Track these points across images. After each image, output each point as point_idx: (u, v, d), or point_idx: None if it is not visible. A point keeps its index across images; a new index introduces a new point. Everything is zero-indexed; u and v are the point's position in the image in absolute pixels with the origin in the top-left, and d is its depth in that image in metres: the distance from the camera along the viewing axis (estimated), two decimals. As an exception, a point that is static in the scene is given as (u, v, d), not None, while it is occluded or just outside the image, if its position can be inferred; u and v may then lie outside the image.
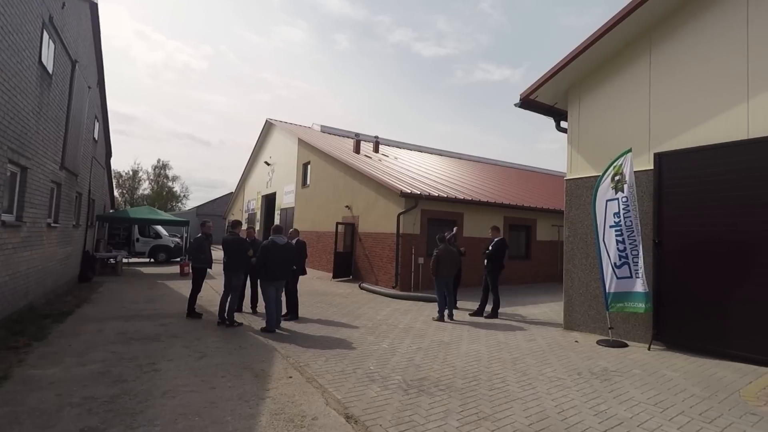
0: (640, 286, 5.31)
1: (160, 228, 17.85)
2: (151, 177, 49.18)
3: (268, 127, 22.74)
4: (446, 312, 7.21)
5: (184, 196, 52.15)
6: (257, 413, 3.30)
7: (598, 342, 5.71)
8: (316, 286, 10.98)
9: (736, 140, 4.90)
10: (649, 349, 5.34)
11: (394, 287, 10.40)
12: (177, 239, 19.80)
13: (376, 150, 17.55)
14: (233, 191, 30.86)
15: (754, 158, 4.71)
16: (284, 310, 6.79)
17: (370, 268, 11.75)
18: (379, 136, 18.80)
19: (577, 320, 6.52)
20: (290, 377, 4.14)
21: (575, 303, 6.56)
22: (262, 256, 6.03)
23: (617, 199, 5.58)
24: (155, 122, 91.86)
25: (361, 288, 10.52)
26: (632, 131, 5.99)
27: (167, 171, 49.50)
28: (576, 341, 5.85)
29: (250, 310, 7.44)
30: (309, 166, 17.09)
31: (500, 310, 7.90)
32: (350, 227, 12.88)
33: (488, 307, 7.66)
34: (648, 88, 5.85)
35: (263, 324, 6.12)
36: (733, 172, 4.86)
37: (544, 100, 7.20)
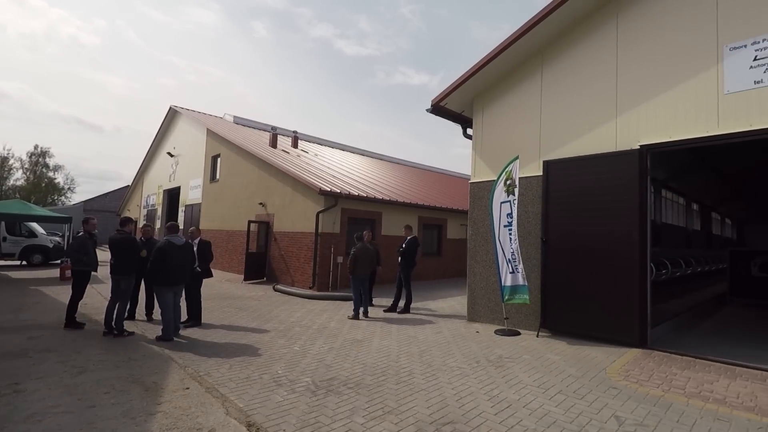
0: (518, 280, 5.94)
1: (35, 225, 15.18)
2: (26, 166, 41.82)
3: (173, 114, 20.73)
4: (361, 310, 7.29)
5: (68, 188, 45.27)
6: (144, 431, 2.98)
7: (496, 331, 6.25)
8: (225, 290, 10.31)
9: (607, 152, 5.71)
10: (537, 336, 5.99)
11: (311, 288, 10.21)
12: (57, 238, 17.05)
13: (295, 145, 17.06)
14: (130, 184, 27.54)
15: (620, 167, 5.54)
16: (185, 317, 6.25)
17: (286, 269, 11.39)
18: (298, 131, 18.31)
19: (478, 312, 7.05)
20: (187, 388, 3.82)
21: (477, 296, 7.09)
22: (156, 258, 5.45)
23: (509, 201, 6.16)
24: (32, 102, 78.19)
25: (276, 290, 10.14)
26: (526, 140, 6.65)
27: (47, 159, 42.52)
28: (477, 332, 6.33)
29: (145, 318, 6.71)
30: (219, 160, 15.96)
31: (412, 305, 8.21)
32: (264, 226, 12.33)
33: (402, 303, 7.92)
34: (539, 103, 6.55)
35: (159, 333, 5.55)
36: (604, 179, 5.66)
37: (453, 108, 7.65)
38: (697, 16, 5.02)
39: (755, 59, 4.57)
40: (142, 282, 6.45)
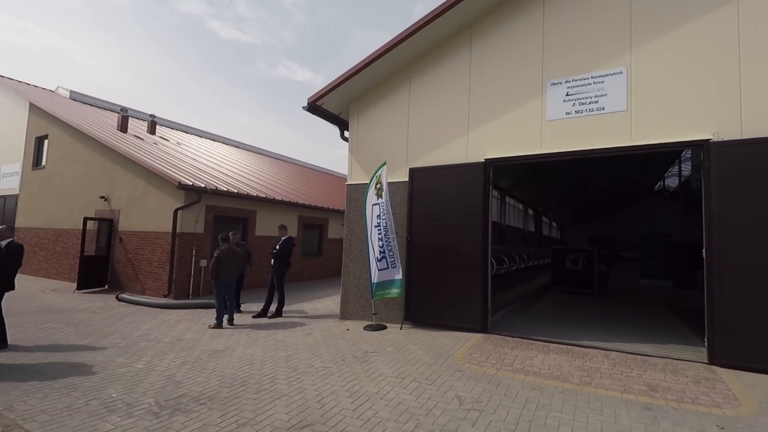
0: (397, 274, 6.32)
1: None
2: None
3: (-23, 80, 16.08)
4: (226, 317, 6.75)
5: None
6: None
7: (365, 327, 6.48)
8: (49, 302, 8.42)
9: (460, 163, 6.43)
10: (401, 328, 6.41)
11: (166, 295, 9.03)
12: None
13: (152, 131, 14.92)
14: None
15: (469, 177, 6.29)
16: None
17: (135, 275, 9.85)
18: (163, 117, 16.10)
19: (351, 310, 7.22)
20: (-30, 433, 2.97)
21: (350, 294, 7.26)
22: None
23: (379, 203, 6.48)
24: None
25: (120, 299, 8.69)
26: (396, 147, 7.08)
27: None
28: (347, 329, 6.47)
29: None
30: (46, 142, 12.98)
31: (286, 308, 7.96)
32: (107, 224, 10.46)
33: (274, 307, 7.60)
34: (407, 114, 7.04)
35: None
36: (457, 187, 6.36)
37: (331, 109, 7.68)
38: (530, 53, 6.02)
39: (567, 94, 5.70)
40: None
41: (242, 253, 7.16)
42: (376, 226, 6.56)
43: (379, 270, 6.47)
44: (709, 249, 4.72)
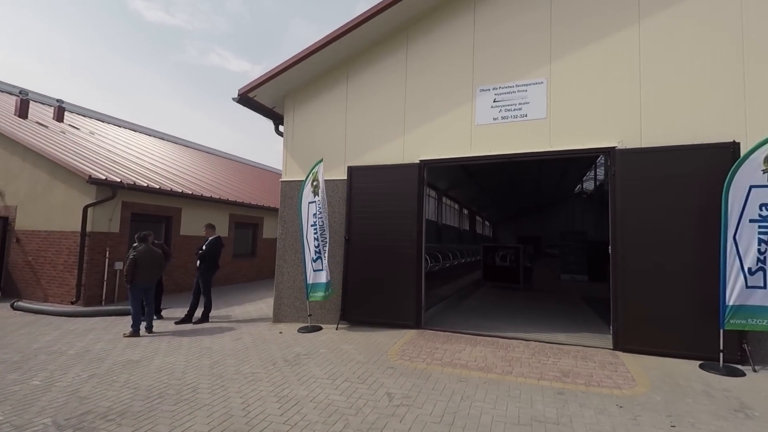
0: (323, 276, 6.23)
1: None
2: None
3: None
4: (143, 325, 6.20)
5: None
6: None
7: (299, 330, 6.32)
8: None
9: (397, 163, 6.51)
10: (337, 329, 6.35)
11: (74, 302, 8.08)
12: None
13: (60, 118, 13.28)
14: None
15: (405, 177, 6.40)
16: None
17: (36, 280, 8.70)
18: (68, 102, 14.37)
19: (285, 313, 7.00)
20: None
21: (284, 296, 7.04)
22: None
23: (315, 201, 6.36)
24: None
25: (15, 308, 7.62)
26: (334, 145, 6.99)
27: None
28: (280, 333, 6.26)
29: None
30: None
31: (214, 313, 7.53)
32: (1, 222, 9.12)
33: (200, 312, 7.13)
34: (345, 112, 6.98)
35: None
36: (394, 187, 6.44)
37: (264, 102, 7.38)
38: (461, 60, 6.27)
39: (495, 101, 6.02)
40: None
41: (161, 255, 6.61)
42: (312, 225, 6.43)
43: (314, 271, 6.34)
44: (613, 246, 5.26)
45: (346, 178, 6.76)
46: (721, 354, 4.44)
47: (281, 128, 7.64)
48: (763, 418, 3.34)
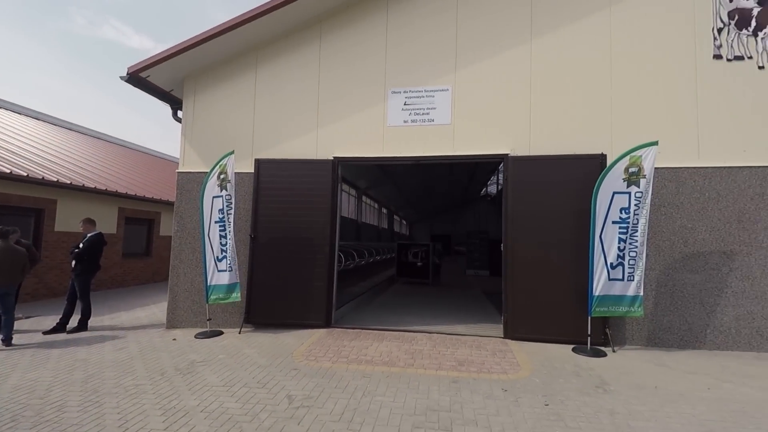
0: (228, 278, 5.86)
1: None
2: None
3: None
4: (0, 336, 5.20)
5: None
6: None
7: (196, 335, 5.84)
8: None
9: (310, 159, 6.36)
10: (240, 333, 5.99)
11: None
12: None
13: None
14: None
15: (319, 173, 6.28)
16: None
17: None
18: None
19: (180, 317, 6.41)
20: None
21: (180, 300, 6.44)
22: None
23: (222, 196, 5.93)
24: None
25: None
26: (241, 135, 6.58)
27: None
28: (174, 339, 5.71)
29: None
30: None
31: (95, 321, 6.61)
32: None
33: (76, 319, 6.18)
34: (254, 101, 6.62)
35: None
36: (306, 182, 6.28)
37: (159, 83, 6.67)
38: (375, 60, 6.34)
39: (405, 104, 6.21)
40: None
41: (23, 254, 5.59)
42: (217, 222, 5.97)
43: (218, 271, 5.91)
44: (505, 243, 5.77)
45: (253, 171, 6.41)
46: (589, 338, 5.14)
47: (180, 114, 6.98)
48: (616, 392, 3.93)
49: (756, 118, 5.36)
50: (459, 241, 28.39)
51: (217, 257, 5.93)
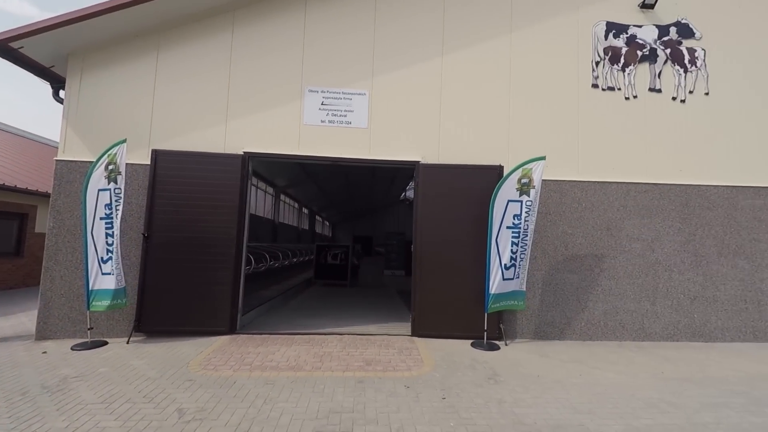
0: (113, 282, 5.22)
1: None
2: None
3: None
4: None
5: None
6: None
7: (73, 347, 5.10)
8: None
9: (217, 152, 5.95)
10: (128, 342, 5.37)
11: None
12: None
13: None
14: None
15: (226, 168, 5.91)
16: None
17: None
18: None
19: (54, 327, 5.55)
20: None
21: (54, 307, 5.57)
22: None
23: (110, 189, 5.28)
24: None
25: None
26: (137, 123, 5.93)
27: None
28: (44, 352, 4.93)
29: None
30: None
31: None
32: None
33: None
34: (154, 87, 6.01)
35: None
36: (212, 178, 5.85)
37: (36, 57, 5.73)
38: (292, 56, 6.17)
39: (323, 104, 6.15)
40: None
41: None
42: (102, 218, 5.27)
43: (102, 274, 5.22)
44: (415, 244, 6.02)
45: (149, 163, 5.81)
46: (485, 333, 5.58)
47: (62, 94, 6.06)
48: (505, 382, 4.31)
49: (623, 141, 6.32)
50: (380, 242, 28.96)
51: (102, 258, 5.25)
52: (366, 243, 25.34)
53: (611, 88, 6.40)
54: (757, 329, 6.19)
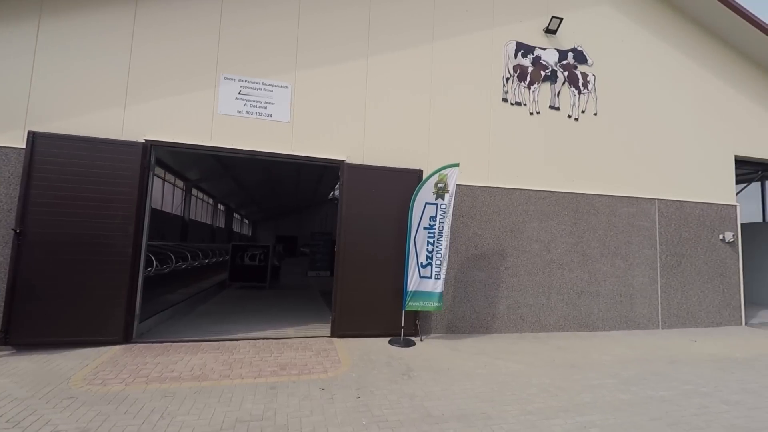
0: None
1: None
2: None
3: None
4: None
5: None
6: None
7: None
8: None
9: (112, 139, 5.27)
10: (-12, 358, 4.51)
11: None
12: None
13: None
14: None
15: (123, 157, 5.25)
16: None
17: None
18: None
19: None
20: None
21: None
22: None
23: (-35, 176, 4.38)
24: None
25: None
26: (8, 99, 5.02)
27: None
28: None
29: None
30: None
31: None
32: None
33: None
34: (33, 57, 5.14)
35: None
36: (105, 167, 5.16)
37: None
38: (206, 39, 5.72)
39: (240, 93, 5.79)
40: None
41: None
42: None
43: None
44: (338, 244, 5.97)
45: (24, 147, 4.95)
46: (402, 330, 5.73)
47: None
48: (418, 377, 4.46)
49: (526, 152, 6.95)
50: (306, 242, 28.32)
51: (-46, 259, 4.34)
52: (290, 243, 24.58)
53: (518, 103, 7.00)
54: (628, 319, 7.25)
